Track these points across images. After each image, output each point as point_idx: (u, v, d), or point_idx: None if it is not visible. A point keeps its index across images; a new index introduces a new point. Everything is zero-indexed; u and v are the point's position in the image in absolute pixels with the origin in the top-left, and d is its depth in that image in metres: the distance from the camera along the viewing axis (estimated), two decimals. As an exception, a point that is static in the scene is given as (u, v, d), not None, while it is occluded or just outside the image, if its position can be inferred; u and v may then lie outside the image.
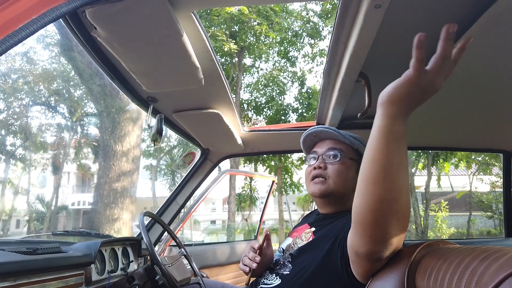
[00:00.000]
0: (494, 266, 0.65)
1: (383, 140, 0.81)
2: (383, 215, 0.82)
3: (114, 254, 1.97)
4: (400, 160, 0.81)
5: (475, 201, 17.20)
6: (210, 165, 2.47)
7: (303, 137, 1.47)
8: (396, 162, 0.80)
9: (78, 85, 15.31)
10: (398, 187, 0.80)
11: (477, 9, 1.13)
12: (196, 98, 1.71)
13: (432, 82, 0.80)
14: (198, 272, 2.14)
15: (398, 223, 0.84)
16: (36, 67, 15.47)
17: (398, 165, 0.80)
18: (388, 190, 0.80)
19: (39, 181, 20.61)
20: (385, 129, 0.81)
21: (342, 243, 1.11)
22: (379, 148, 0.81)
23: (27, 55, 15.32)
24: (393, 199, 0.81)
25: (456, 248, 0.94)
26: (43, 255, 1.45)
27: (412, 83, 0.80)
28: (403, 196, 0.81)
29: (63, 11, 0.78)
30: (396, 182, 0.80)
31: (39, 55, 17.51)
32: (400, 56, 1.47)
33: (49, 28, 14.14)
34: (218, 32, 12.53)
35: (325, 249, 1.18)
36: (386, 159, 0.80)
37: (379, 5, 1.04)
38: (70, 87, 15.83)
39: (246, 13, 12.39)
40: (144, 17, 0.97)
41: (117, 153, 10.32)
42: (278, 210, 16.25)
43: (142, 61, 1.22)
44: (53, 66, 15.59)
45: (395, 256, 1.04)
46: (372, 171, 0.81)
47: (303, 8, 14.88)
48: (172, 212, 2.44)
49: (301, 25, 14.49)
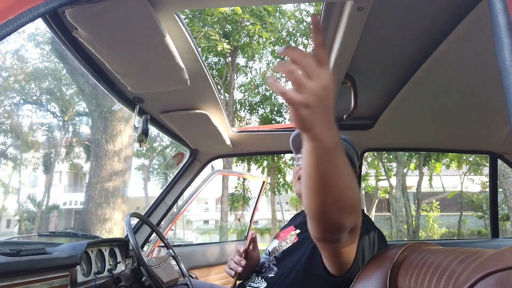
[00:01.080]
0: (470, 268, 0.66)
1: (312, 161, 0.78)
2: (329, 213, 0.85)
3: (101, 255, 1.96)
4: (336, 171, 0.79)
5: (466, 201, 17.36)
6: (199, 165, 2.46)
7: (292, 137, 1.47)
8: (332, 174, 0.79)
9: (70, 84, 15.19)
10: (339, 191, 0.81)
11: (460, 12, 1.14)
12: (183, 98, 1.70)
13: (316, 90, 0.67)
14: (186, 273, 2.14)
15: (346, 214, 0.87)
16: (27, 65, 15.33)
17: (335, 175, 0.79)
18: (329, 195, 0.81)
19: (30, 180, 20.43)
20: (311, 151, 0.77)
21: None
22: (312, 167, 0.79)
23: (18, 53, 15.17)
24: (336, 201, 0.82)
25: (437, 250, 0.95)
26: (27, 257, 1.44)
27: (301, 115, 0.70)
28: (346, 195, 0.82)
29: (41, 12, 0.77)
30: (337, 187, 0.80)
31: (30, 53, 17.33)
32: (386, 58, 1.48)
33: (40, 26, 14.02)
34: (212, 32, 12.51)
35: (308, 250, 1.20)
36: (321, 175, 0.79)
37: (362, 8, 1.04)
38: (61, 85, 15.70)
39: (240, 13, 12.38)
40: (125, 18, 0.96)
41: (108, 153, 10.25)
42: (271, 210, 16.27)
43: (125, 61, 1.21)
44: (44, 64, 15.45)
45: (378, 257, 1.05)
46: (312, 183, 0.81)
47: (296, 8, 14.91)
48: (161, 213, 2.42)
49: (295, 25, 14.51)
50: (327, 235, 0.93)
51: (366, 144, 2.36)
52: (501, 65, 0.58)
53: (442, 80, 1.58)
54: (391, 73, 1.58)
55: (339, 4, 1.11)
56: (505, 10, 0.62)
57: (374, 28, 1.23)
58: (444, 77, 1.55)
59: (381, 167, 17.10)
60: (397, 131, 2.20)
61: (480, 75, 1.53)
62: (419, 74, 1.50)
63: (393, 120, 2.01)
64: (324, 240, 0.98)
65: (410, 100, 1.77)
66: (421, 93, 1.70)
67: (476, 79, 1.56)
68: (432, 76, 1.53)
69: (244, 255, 1.32)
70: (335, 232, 0.92)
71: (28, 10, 0.76)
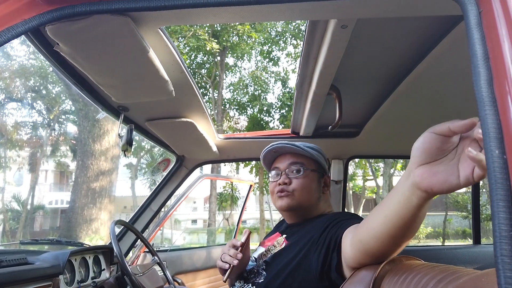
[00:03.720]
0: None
1: (413, 213, 0.76)
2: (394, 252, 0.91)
3: (85, 263, 1.94)
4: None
5: (451, 201, 17.61)
6: (185, 171, 2.45)
7: (263, 154, 1.48)
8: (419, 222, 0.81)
9: (56, 82, 14.96)
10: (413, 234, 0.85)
11: (443, 29, 1.16)
12: (169, 107, 1.69)
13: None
14: (171, 280, 2.13)
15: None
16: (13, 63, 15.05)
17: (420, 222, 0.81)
18: (407, 239, 0.87)
19: (15, 179, 20.10)
20: (419, 204, 0.73)
21: (320, 250, 1.15)
22: (411, 217, 0.77)
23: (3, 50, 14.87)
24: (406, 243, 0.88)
25: (418, 265, 0.96)
26: (8, 268, 1.42)
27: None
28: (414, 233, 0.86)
29: (20, 31, 0.76)
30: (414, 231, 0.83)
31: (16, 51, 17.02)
32: (370, 71, 1.50)
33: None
34: (201, 31, 12.45)
35: (301, 253, 1.22)
36: (413, 223, 0.79)
37: (345, 26, 1.05)
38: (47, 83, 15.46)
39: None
40: (107, 35, 0.95)
41: (95, 152, 10.14)
42: (259, 210, 16.29)
43: (108, 75, 1.20)
44: (30, 62, 15.20)
45: (360, 271, 1.06)
46: (401, 232, 0.82)
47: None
48: (146, 219, 2.41)
49: (284, 25, 14.52)
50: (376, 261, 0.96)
51: (352, 151, 2.38)
52: (478, 95, 0.57)
53: (424, 92, 1.61)
54: (376, 84, 1.61)
55: (323, 22, 1.11)
56: (482, 40, 0.61)
57: (358, 43, 1.25)
58: (426, 90, 1.58)
59: (369, 168, 17.27)
60: (382, 139, 2.23)
61: (459, 89, 1.57)
62: (402, 86, 1.52)
63: (378, 128, 2.04)
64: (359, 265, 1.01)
65: (394, 110, 1.80)
66: (404, 104, 1.73)
67: (456, 92, 1.61)
68: (415, 88, 1.55)
69: (240, 249, 1.31)
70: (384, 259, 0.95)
71: (6, 30, 0.75)
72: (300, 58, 1.39)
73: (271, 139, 2.25)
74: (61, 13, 0.79)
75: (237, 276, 1.39)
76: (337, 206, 2.42)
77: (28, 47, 14.97)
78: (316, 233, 1.22)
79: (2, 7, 0.74)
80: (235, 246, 1.32)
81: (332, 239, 1.12)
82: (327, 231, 1.17)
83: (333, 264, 1.09)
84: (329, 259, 1.11)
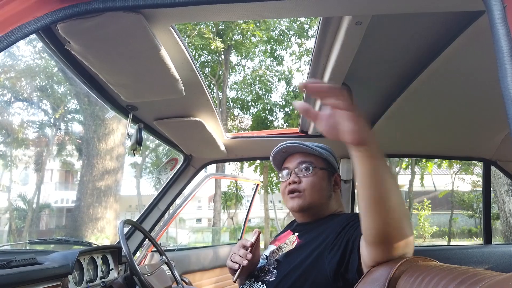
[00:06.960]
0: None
1: (367, 171, 0.87)
2: (394, 229, 0.92)
3: (93, 262, 1.93)
4: (389, 181, 0.88)
5: (457, 200, 17.50)
6: (193, 171, 2.44)
7: (273, 155, 1.49)
8: (386, 184, 0.87)
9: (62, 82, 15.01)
10: (397, 204, 0.89)
11: (459, 26, 1.14)
12: (178, 106, 1.68)
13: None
14: (179, 280, 2.12)
15: (408, 228, 0.94)
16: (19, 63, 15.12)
17: (389, 185, 0.88)
18: (389, 210, 0.89)
19: (21, 178, 20.21)
20: (365, 161, 0.87)
21: (336, 251, 1.14)
22: (367, 177, 0.87)
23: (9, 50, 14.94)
24: (396, 217, 0.90)
25: (435, 267, 0.94)
26: (18, 268, 1.41)
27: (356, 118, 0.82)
28: (402, 209, 0.92)
29: (32, 29, 0.75)
30: (393, 200, 0.88)
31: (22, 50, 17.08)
32: (382, 69, 1.48)
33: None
34: (205, 30, 12.44)
35: (314, 254, 1.21)
36: (377, 185, 0.87)
37: (360, 22, 1.03)
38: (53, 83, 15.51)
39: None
40: (119, 33, 0.94)
41: (100, 151, 10.17)
42: (264, 209, 16.28)
43: (119, 73, 1.19)
44: (36, 62, 15.26)
45: (374, 271, 1.04)
46: (370, 194, 0.88)
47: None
48: (154, 219, 2.40)
49: (288, 24, 14.48)
50: (395, 254, 0.95)
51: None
52: (504, 93, 0.55)
53: (437, 90, 1.58)
54: (387, 82, 1.58)
55: (336, 18, 1.09)
56: (507, 35, 0.59)
57: (372, 40, 1.23)
58: (439, 88, 1.56)
59: (374, 166, 17.12)
60: (393, 138, 2.21)
61: (474, 86, 1.54)
62: (415, 84, 1.50)
63: (389, 127, 2.02)
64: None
65: (406, 109, 1.77)
66: (416, 102, 1.70)
67: (470, 90, 1.58)
68: (428, 87, 1.53)
69: (251, 249, 1.30)
70: (401, 250, 0.94)
71: (19, 27, 0.73)
72: (311, 55, 1.38)
73: (279, 138, 2.23)
74: (74, 11, 0.78)
75: (247, 276, 1.38)
76: (346, 205, 2.40)
77: (34, 46, 15.04)
78: (331, 233, 1.21)
79: (14, 4, 0.73)
80: (245, 247, 1.31)
81: (349, 240, 1.11)
82: (344, 232, 1.16)
83: (353, 266, 1.08)
84: (346, 260, 1.10)
